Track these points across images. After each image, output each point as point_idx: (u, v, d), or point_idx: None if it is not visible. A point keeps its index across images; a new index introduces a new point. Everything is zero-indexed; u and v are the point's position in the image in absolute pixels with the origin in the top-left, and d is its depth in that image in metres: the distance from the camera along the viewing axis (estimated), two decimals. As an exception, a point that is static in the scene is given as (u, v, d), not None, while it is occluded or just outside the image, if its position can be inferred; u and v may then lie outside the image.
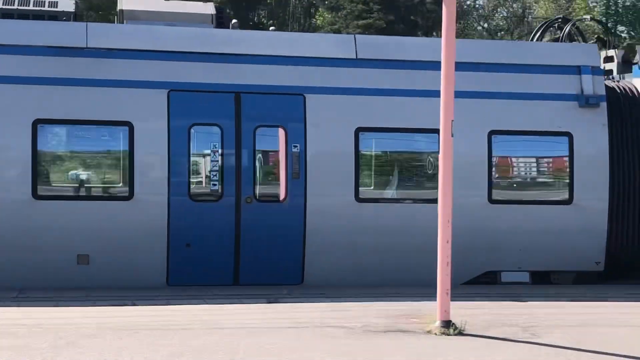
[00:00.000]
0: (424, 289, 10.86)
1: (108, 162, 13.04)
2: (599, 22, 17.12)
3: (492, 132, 13.39)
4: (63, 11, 13.74)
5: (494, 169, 13.36)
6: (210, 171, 12.88)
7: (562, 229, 13.58)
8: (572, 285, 13.61)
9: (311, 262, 12.98)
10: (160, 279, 12.58)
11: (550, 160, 14.21)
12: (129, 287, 12.20)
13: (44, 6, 13.74)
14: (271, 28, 20.59)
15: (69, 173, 12.93)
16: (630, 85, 14.34)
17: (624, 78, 14.64)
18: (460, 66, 10.19)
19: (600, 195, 13.62)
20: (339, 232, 13.03)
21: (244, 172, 12.83)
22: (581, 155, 13.60)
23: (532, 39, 16.39)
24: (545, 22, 16.71)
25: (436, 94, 9.90)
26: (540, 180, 14.27)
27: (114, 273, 12.43)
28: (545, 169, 14.35)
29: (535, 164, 14.29)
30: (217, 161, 12.84)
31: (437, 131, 9.95)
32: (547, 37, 16.20)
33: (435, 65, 10.30)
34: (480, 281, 13.38)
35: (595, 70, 13.90)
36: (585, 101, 13.62)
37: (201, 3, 16.35)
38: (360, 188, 13.11)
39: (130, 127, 12.44)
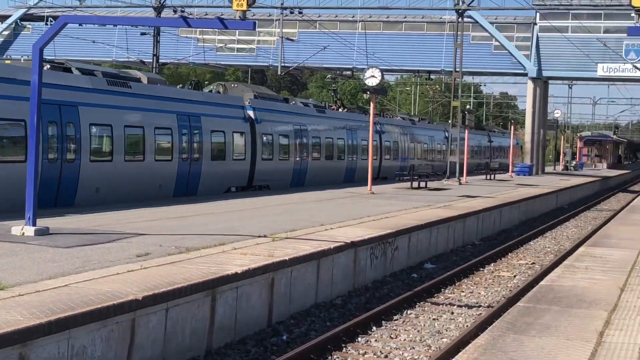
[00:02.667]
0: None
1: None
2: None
3: (232, 131, 28.92)
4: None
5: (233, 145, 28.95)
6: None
7: (244, 170, 29.59)
8: (244, 192, 28.51)
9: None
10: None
11: (239, 142, 29.26)
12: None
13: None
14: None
15: None
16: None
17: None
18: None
19: (248, 155, 29.61)
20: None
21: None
22: (247, 140, 29.57)
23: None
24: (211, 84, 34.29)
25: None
26: (237, 150, 28.96)
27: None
28: (239, 146, 29.24)
29: (237, 144, 29.03)
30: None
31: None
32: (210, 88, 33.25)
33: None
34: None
35: (247, 107, 30.16)
36: (246, 120, 29.69)
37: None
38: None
39: None
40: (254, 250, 13.60)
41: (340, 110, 43.37)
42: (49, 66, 21.40)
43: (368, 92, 29.77)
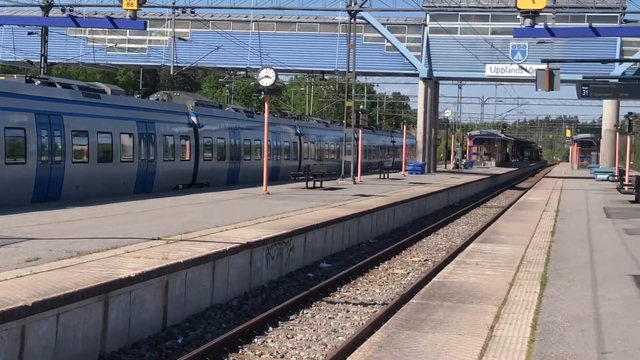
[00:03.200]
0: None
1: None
2: None
3: (180, 135, 32.77)
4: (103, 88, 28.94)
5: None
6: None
7: (189, 170, 32.97)
8: (192, 189, 32.51)
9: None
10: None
11: (184, 144, 32.75)
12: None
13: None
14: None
15: None
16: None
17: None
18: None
19: (192, 156, 32.97)
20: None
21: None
22: (191, 143, 32.97)
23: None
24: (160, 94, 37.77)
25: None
26: (184, 152, 32.59)
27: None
28: (186, 148, 32.81)
29: (184, 146, 32.54)
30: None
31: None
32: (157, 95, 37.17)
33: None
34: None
35: (190, 113, 33.43)
36: (190, 125, 33.04)
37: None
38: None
39: None
40: (148, 253, 13.42)
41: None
42: (39, 82, 25.19)
43: (262, 93, 29.77)
